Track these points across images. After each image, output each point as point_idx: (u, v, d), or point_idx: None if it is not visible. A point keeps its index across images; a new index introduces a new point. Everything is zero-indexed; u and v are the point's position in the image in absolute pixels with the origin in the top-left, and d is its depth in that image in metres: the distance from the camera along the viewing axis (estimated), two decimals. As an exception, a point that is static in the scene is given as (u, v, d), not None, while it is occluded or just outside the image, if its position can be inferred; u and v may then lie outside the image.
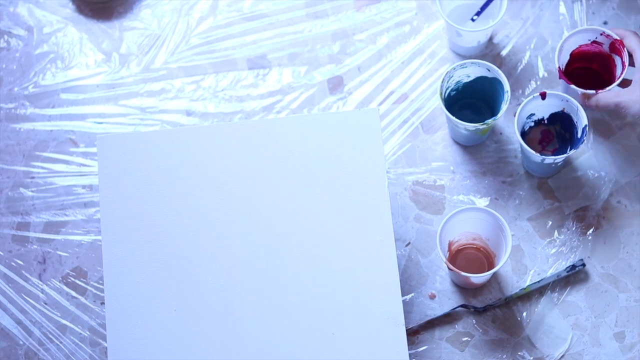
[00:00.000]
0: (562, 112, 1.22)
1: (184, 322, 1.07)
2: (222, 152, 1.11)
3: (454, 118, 1.19)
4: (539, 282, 1.22)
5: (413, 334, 1.22)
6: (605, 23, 1.31)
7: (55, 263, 1.27)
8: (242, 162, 1.11)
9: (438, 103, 1.30)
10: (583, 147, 1.27)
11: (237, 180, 1.10)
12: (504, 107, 1.18)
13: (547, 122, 1.25)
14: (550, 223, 1.25)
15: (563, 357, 1.20)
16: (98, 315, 1.25)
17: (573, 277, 1.23)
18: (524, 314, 1.22)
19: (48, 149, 1.32)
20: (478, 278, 1.16)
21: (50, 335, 1.24)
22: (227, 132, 1.12)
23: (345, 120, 1.12)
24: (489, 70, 1.21)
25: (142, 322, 1.07)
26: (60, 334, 1.24)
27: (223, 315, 1.07)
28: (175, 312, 1.07)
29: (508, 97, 1.18)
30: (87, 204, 1.29)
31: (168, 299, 1.08)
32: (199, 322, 1.07)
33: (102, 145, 1.12)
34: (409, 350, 1.19)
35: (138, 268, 1.08)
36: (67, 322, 1.25)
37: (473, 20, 1.30)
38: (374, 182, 1.10)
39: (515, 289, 1.22)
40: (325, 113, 1.28)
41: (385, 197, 1.09)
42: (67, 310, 1.25)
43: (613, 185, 1.26)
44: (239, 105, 1.32)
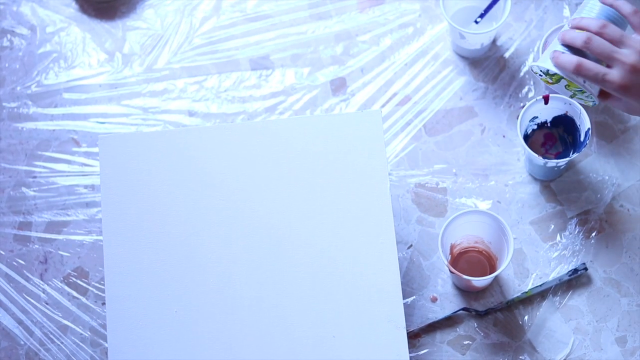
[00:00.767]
0: (565, 115, 1.22)
1: (185, 323, 1.07)
2: (224, 152, 1.11)
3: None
4: (541, 285, 1.21)
5: (414, 337, 1.21)
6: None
7: (57, 263, 1.27)
8: (244, 163, 1.11)
9: (441, 105, 1.30)
10: (586, 150, 1.27)
11: (239, 182, 1.10)
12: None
13: (550, 125, 1.25)
14: (553, 226, 1.24)
15: (564, 361, 1.21)
16: (99, 316, 1.25)
17: (575, 281, 1.23)
18: (526, 318, 1.21)
19: (50, 149, 1.31)
20: (480, 281, 1.16)
21: (51, 336, 1.24)
22: (229, 132, 1.12)
23: (348, 122, 1.12)
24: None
25: (143, 322, 1.07)
26: (61, 334, 1.24)
27: (224, 317, 1.07)
28: (177, 312, 1.07)
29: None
30: (89, 204, 1.29)
31: (169, 300, 1.07)
32: (200, 323, 1.07)
33: (104, 145, 1.12)
34: (410, 354, 1.18)
35: (139, 269, 1.08)
36: (68, 322, 1.25)
37: (477, 23, 1.30)
38: (376, 184, 1.09)
39: (517, 293, 1.22)
40: (328, 114, 1.28)
41: (387, 199, 1.09)
42: (68, 311, 1.25)
43: (616, 189, 1.25)
44: (242, 106, 1.32)
